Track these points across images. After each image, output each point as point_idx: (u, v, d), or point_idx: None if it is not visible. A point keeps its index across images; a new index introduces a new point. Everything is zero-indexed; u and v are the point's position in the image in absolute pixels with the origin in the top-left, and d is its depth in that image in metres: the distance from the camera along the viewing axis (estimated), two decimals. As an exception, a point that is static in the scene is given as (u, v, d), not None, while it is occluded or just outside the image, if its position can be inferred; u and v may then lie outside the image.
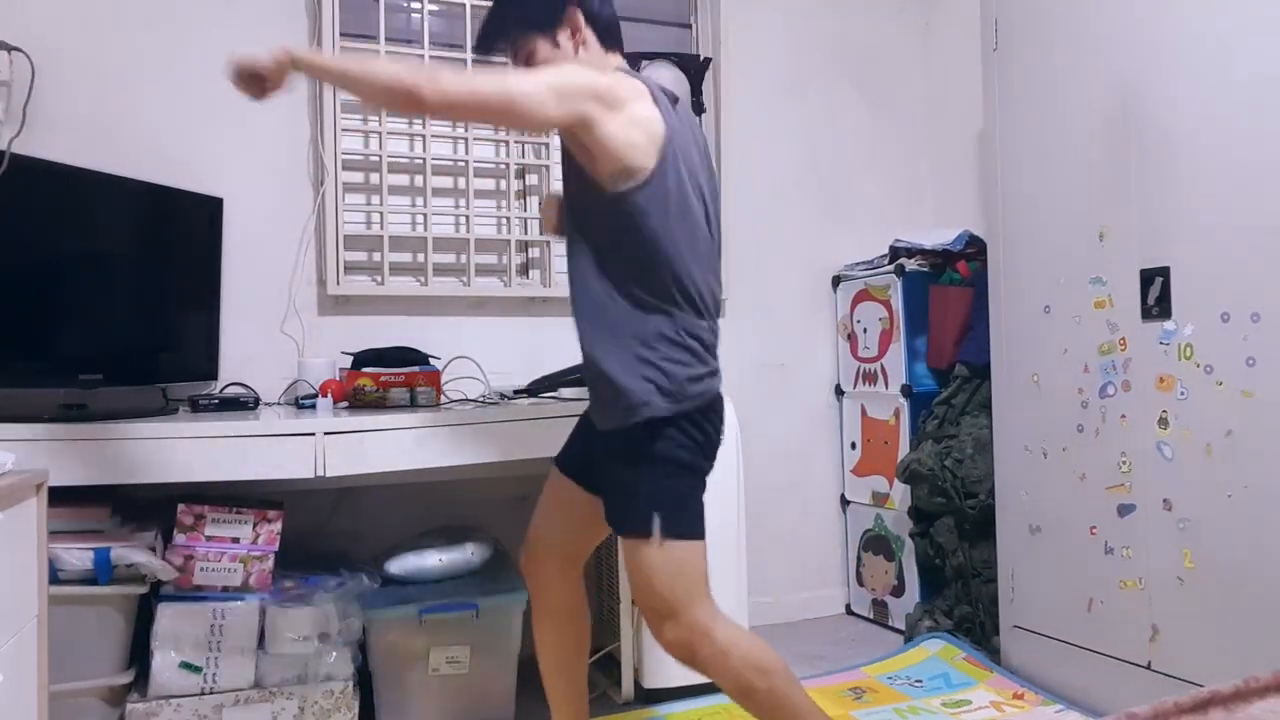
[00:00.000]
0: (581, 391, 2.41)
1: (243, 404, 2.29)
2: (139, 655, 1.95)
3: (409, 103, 1.47)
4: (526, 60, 1.67)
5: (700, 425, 1.60)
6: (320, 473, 1.93)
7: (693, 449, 1.59)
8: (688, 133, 1.66)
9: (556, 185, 1.90)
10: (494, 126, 2.67)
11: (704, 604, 1.59)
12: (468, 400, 2.47)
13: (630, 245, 1.56)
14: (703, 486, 1.63)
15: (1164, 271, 2.04)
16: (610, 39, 1.71)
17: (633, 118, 1.54)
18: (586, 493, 1.76)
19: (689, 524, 1.59)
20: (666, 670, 2.35)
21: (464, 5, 2.75)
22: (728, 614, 1.63)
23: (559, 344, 2.82)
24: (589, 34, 1.67)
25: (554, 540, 1.83)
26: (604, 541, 2.53)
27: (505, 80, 1.49)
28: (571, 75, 1.53)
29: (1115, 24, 2.15)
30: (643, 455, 1.57)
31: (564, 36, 1.66)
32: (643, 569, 1.58)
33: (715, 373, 1.64)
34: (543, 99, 1.48)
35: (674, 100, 1.65)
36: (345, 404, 2.30)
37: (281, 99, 2.55)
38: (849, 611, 3.21)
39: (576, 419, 1.86)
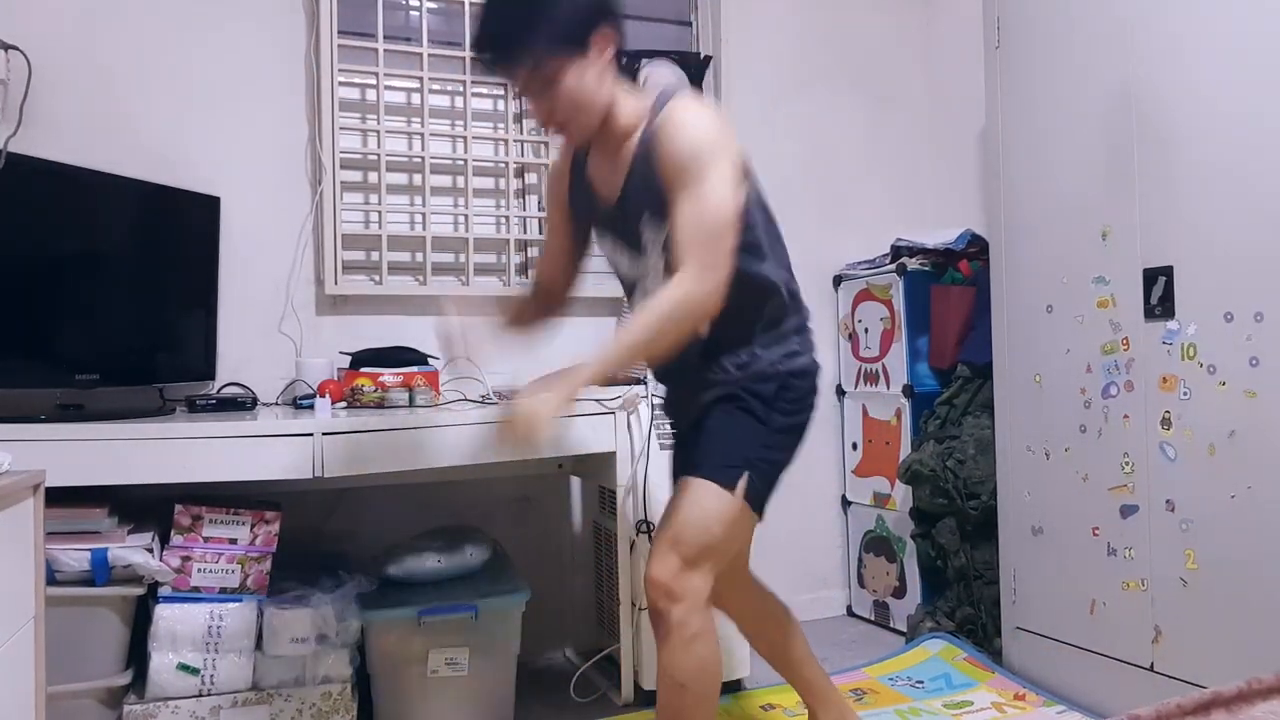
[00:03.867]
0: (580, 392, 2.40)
1: (240, 404, 2.28)
2: (136, 656, 1.94)
3: (703, 314, 1.49)
4: (546, 83, 1.48)
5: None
6: (318, 473, 1.93)
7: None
8: None
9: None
10: None
11: (709, 581, 1.59)
12: (466, 400, 2.46)
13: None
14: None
15: (1167, 271, 2.02)
16: (626, 56, 1.60)
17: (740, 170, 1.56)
18: None
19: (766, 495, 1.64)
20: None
21: (463, 3, 2.74)
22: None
23: (558, 344, 2.81)
24: (615, 47, 1.53)
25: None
26: (608, 542, 2.53)
27: (716, 221, 1.47)
28: (729, 168, 1.50)
29: (1118, 22, 2.14)
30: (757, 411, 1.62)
31: (595, 54, 1.48)
32: (703, 507, 1.57)
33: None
34: (732, 189, 1.50)
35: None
36: (343, 404, 2.29)
37: (278, 97, 2.57)
38: (850, 613, 3.20)
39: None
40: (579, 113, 1.52)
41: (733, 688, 2.41)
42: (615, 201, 1.61)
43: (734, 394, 1.63)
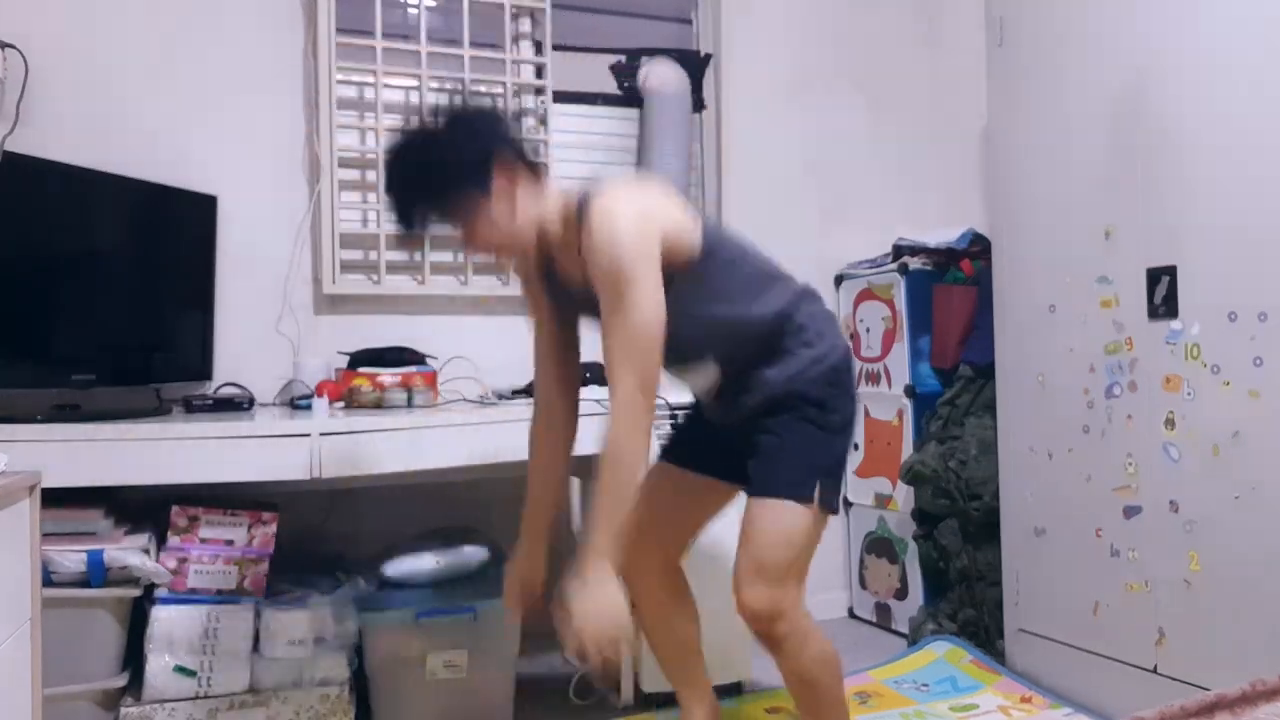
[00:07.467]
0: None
1: (237, 404, 2.27)
2: (133, 659, 1.93)
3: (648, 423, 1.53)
4: (467, 223, 1.56)
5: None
6: (316, 474, 1.92)
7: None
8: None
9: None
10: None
11: (803, 585, 1.66)
12: (465, 400, 2.45)
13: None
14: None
15: (1170, 270, 2.01)
16: (534, 166, 1.62)
17: (672, 221, 1.59)
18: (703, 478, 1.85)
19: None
20: (667, 673, 2.33)
21: (461, 1, 2.73)
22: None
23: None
24: (519, 168, 1.58)
25: (665, 533, 1.89)
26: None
27: (639, 341, 1.49)
28: (647, 273, 1.50)
29: (1121, 20, 2.13)
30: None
31: (501, 186, 1.55)
32: (782, 526, 1.61)
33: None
34: (654, 299, 1.50)
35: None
36: (341, 404, 2.28)
37: (276, 95, 2.56)
38: (851, 615, 3.18)
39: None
40: (501, 243, 1.60)
41: (733, 691, 2.40)
42: (590, 288, 1.59)
43: (785, 403, 1.64)
